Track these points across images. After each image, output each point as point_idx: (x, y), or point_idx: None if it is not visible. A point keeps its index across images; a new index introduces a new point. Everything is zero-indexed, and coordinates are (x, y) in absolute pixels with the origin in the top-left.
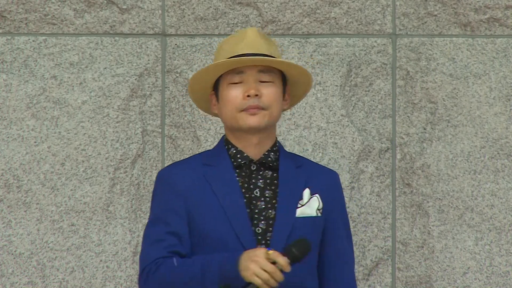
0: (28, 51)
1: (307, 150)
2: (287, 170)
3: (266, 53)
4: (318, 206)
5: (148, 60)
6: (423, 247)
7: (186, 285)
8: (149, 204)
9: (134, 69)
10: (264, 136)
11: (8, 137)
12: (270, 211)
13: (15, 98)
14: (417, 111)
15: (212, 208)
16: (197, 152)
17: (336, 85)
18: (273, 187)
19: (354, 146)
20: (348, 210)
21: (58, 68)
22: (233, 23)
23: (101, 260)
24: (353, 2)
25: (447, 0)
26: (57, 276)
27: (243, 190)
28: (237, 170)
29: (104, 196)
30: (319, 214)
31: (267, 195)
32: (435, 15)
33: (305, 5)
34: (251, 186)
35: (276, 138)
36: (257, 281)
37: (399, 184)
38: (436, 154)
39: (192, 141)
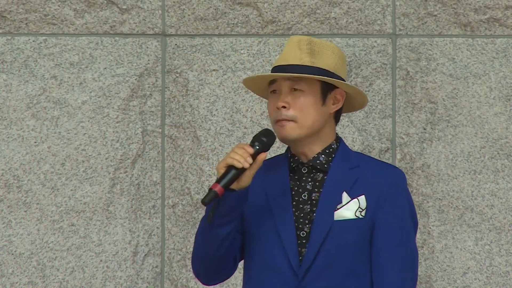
0: (28, 51)
1: None
2: (336, 172)
3: (294, 64)
4: (359, 207)
5: (148, 60)
6: (423, 247)
7: (202, 237)
8: (149, 204)
9: (134, 69)
10: (307, 144)
11: (8, 137)
12: (314, 214)
13: (15, 98)
14: (417, 111)
15: (261, 211)
16: (196, 152)
17: None
18: (321, 190)
19: (354, 146)
20: None
21: (58, 68)
22: (233, 23)
23: (101, 260)
24: (353, 2)
25: (447, 0)
26: (57, 276)
27: (293, 193)
28: (290, 174)
29: (104, 196)
30: (361, 216)
31: (313, 197)
32: (435, 15)
33: (305, 5)
34: (300, 190)
35: (336, 138)
36: (230, 160)
37: None
38: (436, 154)
39: (192, 141)
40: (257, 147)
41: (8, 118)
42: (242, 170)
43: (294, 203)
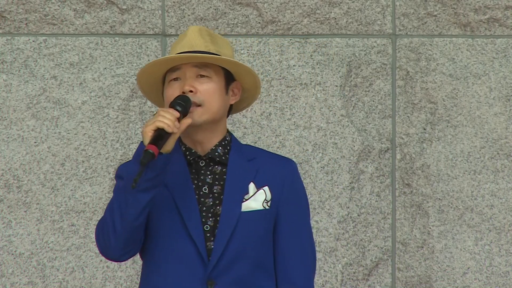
0: (28, 51)
1: (307, 150)
2: (236, 165)
3: (202, 50)
4: (265, 198)
5: (148, 60)
6: (423, 247)
7: (121, 206)
8: None
9: (134, 69)
10: (207, 132)
11: (8, 137)
12: (218, 207)
13: (15, 98)
14: (417, 111)
15: (164, 202)
16: None
17: (336, 85)
18: (221, 183)
19: (354, 146)
20: (348, 210)
21: (58, 68)
22: (233, 23)
23: (101, 260)
24: (353, 2)
25: (447, 0)
26: (57, 276)
27: (193, 187)
28: (187, 167)
29: (104, 196)
30: (267, 207)
31: (215, 191)
32: (435, 15)
33: (305, 5)
34: (200, 183)
35: (228, 131)
36: (160, 124)
37: (399, 184)
38: (436, 154)
39: None
40: (179, 111)
41: (8, 118)
42: (170, 133)
43: (196, 196)
